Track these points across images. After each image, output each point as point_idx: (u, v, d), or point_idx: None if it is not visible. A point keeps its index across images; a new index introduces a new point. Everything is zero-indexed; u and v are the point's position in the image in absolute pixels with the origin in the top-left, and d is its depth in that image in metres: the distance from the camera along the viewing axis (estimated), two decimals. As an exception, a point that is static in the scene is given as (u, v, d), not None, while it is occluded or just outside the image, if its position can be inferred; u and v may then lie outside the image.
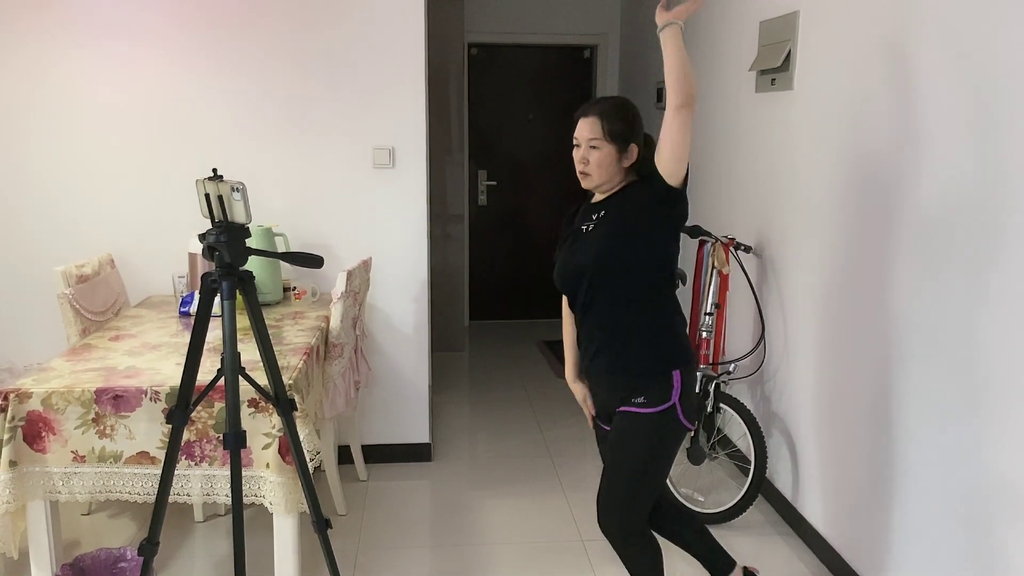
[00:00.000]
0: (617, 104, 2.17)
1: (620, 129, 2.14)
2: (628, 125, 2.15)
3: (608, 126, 2.13)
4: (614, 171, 2.16)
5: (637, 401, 2.14)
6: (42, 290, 3.43)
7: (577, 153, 2.18)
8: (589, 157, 2.14)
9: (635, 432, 2.15)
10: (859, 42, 2.65)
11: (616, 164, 2.15)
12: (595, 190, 2.23)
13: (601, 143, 2.13)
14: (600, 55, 5.90)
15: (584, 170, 2.17)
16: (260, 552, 2.95)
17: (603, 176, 2.16)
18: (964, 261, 2.16)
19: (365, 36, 3.37)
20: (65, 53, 3.30)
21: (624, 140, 2.14)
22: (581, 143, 2.16)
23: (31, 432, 2.26)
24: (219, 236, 1.99)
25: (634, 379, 2.15)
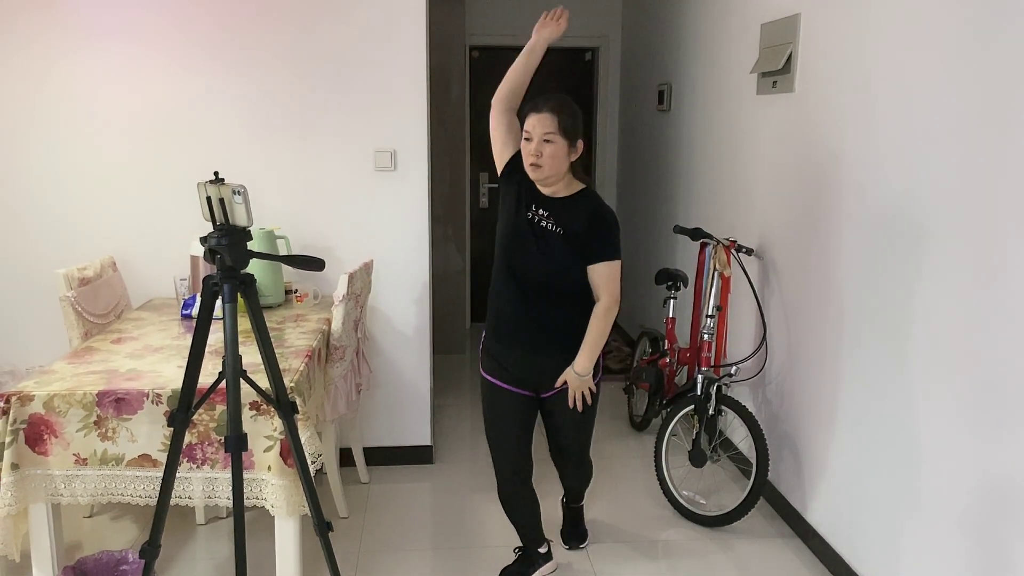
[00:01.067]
0: (566, 102, 2.39)
1: (571, 125, 2.36)
2: (576, 121, 2.39)
3: (561, 121, 2.34)
4: (563, 164, 2.39)
5: None
6: (44, 293, 3.43)
7: (529, 146, 2.37)
8: (543, 150, 2.35)
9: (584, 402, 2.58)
10: (860, 45, 2.65)
11: (565, 158, 2.38)
12: (542, 182, 2.43)
13: (555, 137, 2.34)
14: (601, 58, 5.91)
15: (537, 162, 2.36)
16: (261, 555, 2.94)
17: (553, 168, 2.37)
18: (969, 264, 2.16)
19: (367, 39, 3.38)
20: (66, 56, 3.30)
21: (574, 135, 2.38)
22: (534, 137, 2.36)
23: (33, 435, 2.26)
24: (220, 239, 1.99)
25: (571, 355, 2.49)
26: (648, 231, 5.18)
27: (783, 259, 3.23)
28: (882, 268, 2.53)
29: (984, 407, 2.10)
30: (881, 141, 2.53)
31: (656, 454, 3.38)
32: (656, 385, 3.89)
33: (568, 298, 2.49)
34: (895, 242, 2.46)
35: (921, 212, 2.34)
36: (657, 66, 4.94)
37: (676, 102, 4.58)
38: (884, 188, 2.52)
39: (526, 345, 2.54)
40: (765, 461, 3.10)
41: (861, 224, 2.65)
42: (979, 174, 2.10)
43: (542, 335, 2.52)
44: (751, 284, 3.43)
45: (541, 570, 2.84)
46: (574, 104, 2.42)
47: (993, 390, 2.07)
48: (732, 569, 2.92)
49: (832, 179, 2.84)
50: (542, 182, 2.43)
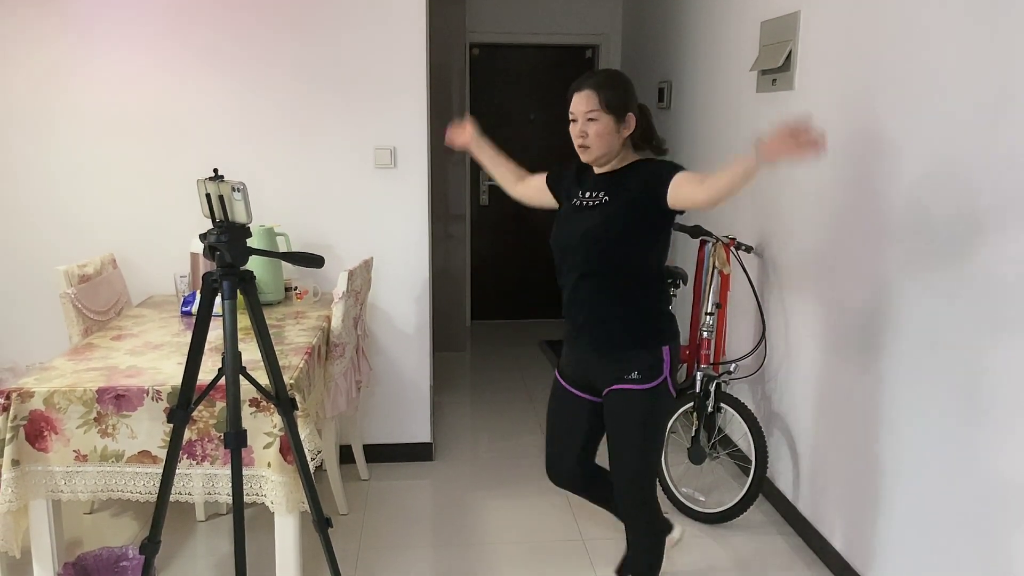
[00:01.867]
0: (610, 75, 2.21)
1: (616, 99, 2.17)
2: (623, 94, 2.19)
3: (604, 97, 2.16)
4: (613, 141, 2.19)
5: (631, 377, 2.22)
6: (44, 290, 3.44)
7: (575, 127, 2.20)
8: (588, 130, 2.17)
9: (634, 410, 2.24)
10: (860, 42, 2.65)
11: (615, 134, 2.18)
12: (595, 163, 2.25)
13: (599, 114, 2.16)
14: (602, 55, 5.90)
15: (584, 143, 2.19)
16: (261, 551, 2.95)
17: (603, 147, 2.19)
18: (968, 263, 2.16)
19: (367, 36, 3.38)
20: (67, 55, 3.31)
21: (621, 109, 2.18)
22: (578, 117, 2.19)
23: (33, 431, 2.26)
24: (220, 236, 2.00)
25: (624, 354, 2.23)
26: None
27: (783, 257, 3.23)
28: (882, 265, 2.54)
29: (984, 405, 2.11)
30: (881, 139, 2.53)
31: (655, 451, 3.38)
32: (656, 382, 3.88)
33: (616, 283, 2.21)
34: (895, 239, 2.46)
35: (922, 210, 2.34)
36: (657, 64, 4.94)
37: (676, 99, 4.58)
38: (884, 185, 2.52)
39: (578, 341, 2.31)
40: (764, 458, 3.11)
41: (861, 221, 2.66)
42: (981, 172, 2.11)
43: (590, 329, 2.27)
44: (750, 282, 3.43)
45: None
46: (621, 76, 2.22)
47: (993, 388, 2.07)
48: (731, 566, 2.92)
49: (831, 177, 2.84)
50: (595, 163, 2.25)
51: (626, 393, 2.23)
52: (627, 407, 2.24)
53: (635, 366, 2.22)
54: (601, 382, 2.30)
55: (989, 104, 2.06)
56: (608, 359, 2.26)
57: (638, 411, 2.23)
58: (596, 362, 2.29)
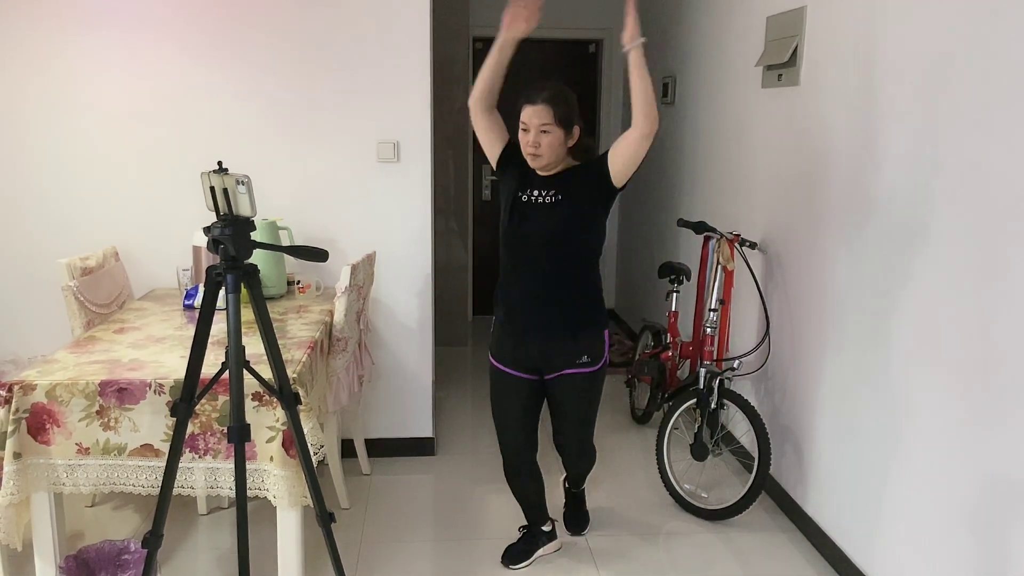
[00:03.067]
0: (561, 91, 2.46)
1: (566, 113, 2.44)
2: (571, 109, 2.47)
3: (557, 112, 2.42)
4: (561, 151, 2.48)
5: (582, 361, 2.60)
6: (46, 283, 3.43)
7: (527, 136, 2.46)
8: (541, 140, 2.44)
9: (587, 388, 2.66)
10: (866, 37, 2.63)
11: (563, 145, 2.48)
12: (542, 169, 2.52)
13: (551, 127, 2.43)
14: (605, 50, 5.89)
15: (536, 152, 2.45)
16: (264, 545, 2.95)
17: (552, 156, 2.47)
18: (972, 260, 2.15)
19: (371, 30, 3.36)
20: (69, 45, 3.29)
21: (569, 124, 2.47)
22: (531, 128, 2.44)
23: (35, 424, 2.26)
24: (224, 229, 1.99)
25: (576, 339, 2.57)
26: (651, 224, 5.17)
27: (787, 253, 3.22)
28: (886, 263, 2.53)
29: (986, 402, 2.10)
30: (887, 135, 2.52)
31: (658, 447, 3.38)
32: (658, 379, 3.89)
33: (569, 274, 2.53)
34: (900, 237, 2.45)
35: (926, 207, 2.33)
36: (662, 59, 4.92)
37: (681, 95, 4.56)
38: (889, 183, 2.51)
39: (530, 328, 2.59)
40: (767, 455, 3.10)
41: (866, 218, 2.64)
42: (986, 170, 2.09)
43: (544, 317, 2.57)
44: (754, 278, 3.42)
45: (544, 548, 2.93)
46: (567, 91, 2.48)
47: (995, 386, 2.06)
48: (733, 562, 2.92)
49: (837, 173, 2.83)
50: (542, 169, 2.52)
51: (577, 376, 2.62)
52: (579, 386, 2.64)
53: (583, 350, 2.59)
54: (549, 366, 2.63)
55: (997, 100, 2.05)
56: (558, 344, 2.58)
57: (588, 389, 2.66)
58: (545, 347, 2.60)
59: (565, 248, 2.51)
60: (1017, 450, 2.00)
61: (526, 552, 2.90)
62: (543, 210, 2.51)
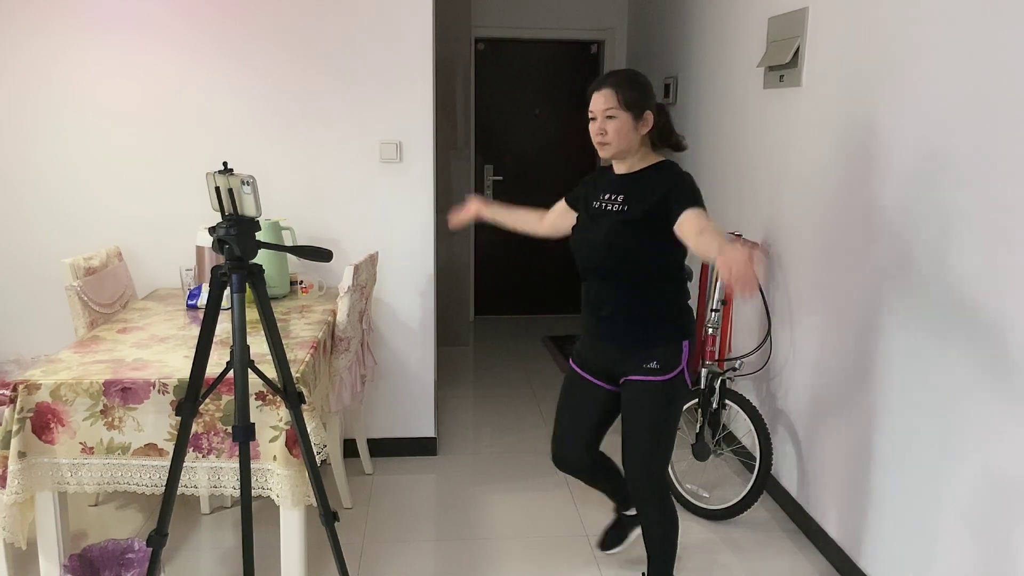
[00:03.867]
0: (628, 74, 2.31)
1: (634, 97, 2.26)
2: (641, 92, 2.28)
3: (622, 95, 2.25)
4: (631, 138, 2.29)
5: (649, 367, 2.34)
6: (50, 282, 3.44)
7: (594, 125, 2.30)
8: (607, 127, 2.27)
9: (651, 398, 2.35)
10: (868, 38, 2.64)
11: (633, 132, 2.28)
12: (614, 159, 2.34)
13: (617, 112, 2.26)
14: (607, 50, 5.89)
15: (603, 140, 2.29)
16: (267, 544, 2.96)
17: (621, 144, 2.28)
18: (973, 258, 2.15)
19: (373, 30, 3.37)
20: (72, 45, 3.30)
21: (639, 107, 2.27)
22: (597, 115, 2.29)
23: (40, 423, 2.27)
24: (229, 229, 1.99)
25: (644, 345, 2.34)
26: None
27: (788, 254, 3.23)
28: (889, 262, 2.53)
29: (988, 401, 2.10)
30: (889, 136, 2.53)
31: (660, 447, 3.38)
32: (660, 379, 3.88)
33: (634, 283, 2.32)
34: (901, 237, 2.46)
35: (928, 207, 2.33)
36: (663, 59, 4.93)
37: (682, 95, 4.57)
38: (892, 183, 2.51)
39: (599, 333, 2.42)
40: (768, 455, 3.11)
41: (868, 219, 2.65)
42: (990, 169, 2.10)
43: (610, 328, 2.38)
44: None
45: (636, 530, 2.88)
46: (639, 76, 2.31)
47: (997, 385, 2.07)
48: (735, 563, 2.92)
49: (838, 174, 2.83)
50: (613, 159, 2.35)
51: (644, 383, 2.35)
52: (644, 395, 2.35)
53: (654, 357, 2.34)
54: (620, 372, 2.42)
55: (998, 100, 2.05)
56: (630, 352, 2.37)
57: (654, 399, 2.35)
58: (617, 354, 2.40)
59: (625, 256, 2.29)
60: (1019, 450, 2.01)
61: (619, 537, 2.86)
62: (605, 217, 2.33)
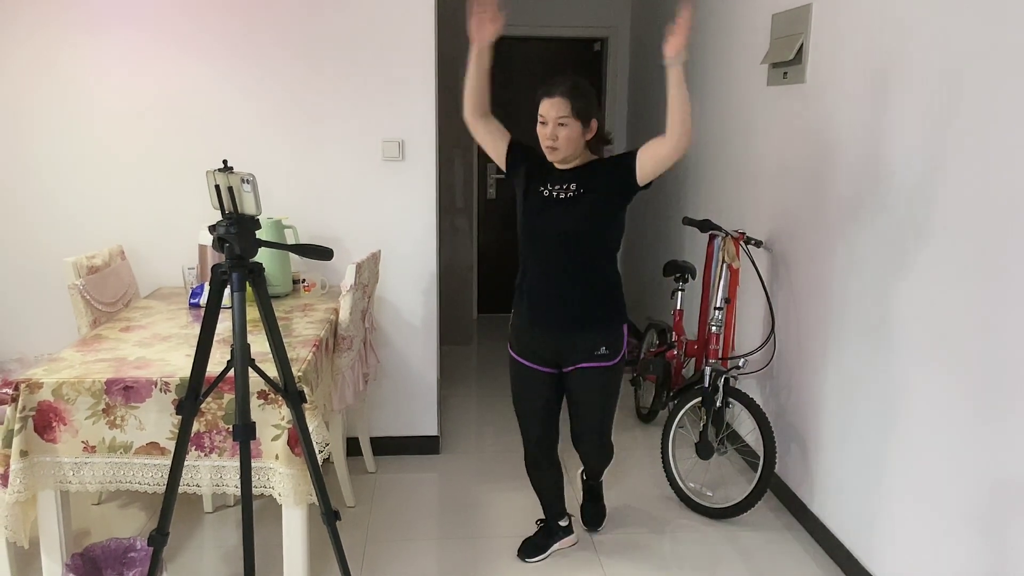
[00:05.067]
0: (578, 83, 2.46)
1: (584, 107, 2.44)
2: (589, 102, 2.46)
3: (575, 105, 2.42)
4: (579, 144, 2.48)
5: (600, 353, 2.59)
6: (53, 281, 3.44)
7: (545, 130, 2.46)
8: (558, 133, 2.44)
9: (604, 381, 2.64)
10: (872, 35, 2.63)
11: (581, 138, 2.47)
12: (560, 163, 2.53)
13: (569, 120, 2.43)
14: (610, 48, 5.88)
15: (553, 145, 2.46)
16: (269, 543, 2.95)
17: (569, 149, 2.47)
18: (977, 259, 2.14)
19: (376, 28, 3.36)
20: (73, 44, 3.30)
21: (587, 116, 2.46)
22: (548, 121, 2.45)
23: (42, 422, 2.27)
24: (229, 227, 1.99)
25: (595, 333, 2.57)
26: (656, 222, 5.17)
27: (792, 251, 3.21)
28: (893, 261, 2.52)
29: (991, 401, 2.09)
30: (893, 133, 2.51)
31: (663, 446, 3.37)
32: (663, 377, 3.88)
33: (587, 268, 2.53)
34: (906, 235, 2.45)
35: (933, 205, 2.32)
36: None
37: (685, 93, 4.55)
38: (895, 180, 2.50)
39: (547, 323, 2.60)
40: (772, 454, 3.10)
41: (872, 216, 2.64)
42: (994, 167, 2.09)
43: (562, 311, 2.57)
44: (760, 276, 3.42)
45: (561, 543, 2.95)
46: (586, 84, 2.48)
47: (1000, 385, 2.06)
48: (738, 561, 2.91)
49: (842, 171, 2.82)
50: (560, 163, 2.53)
51: (595, 369, 2.61)
52: (596, 380, 2.63)
53: (602, 343, 2.58)
54: (567, 359, 2.63)
55: (1003, 95, 2.04)
56: (576, 337, 2.58)
57: (606, 382, 2.64)
58: (563, 340, 2.60)
59: (583, 243, 2.50)
60: (1023, 449, 1.99)
61: (542, 546, 2.91)
62: (561, 205, 2.50)
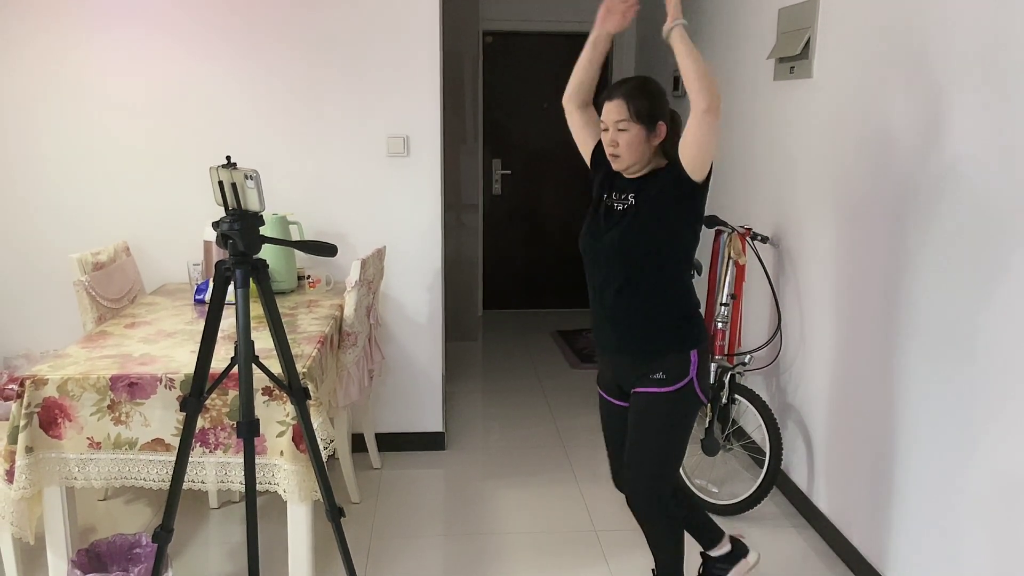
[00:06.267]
0: (640, 84, 2.21)
1: (646, 108, 2.17)
2: (653, 103, 2.19)
3: (634, 107, 2.16)
4: (644, 150, 2.19)
5: (655, 378, 2.22)
6: (58, 277, 3.45)
7: (606, 136, 2.21)
8: (619, 139, 2.18)
9: (656, 411, 2.24)
10: (879, 29, 2.61)
11: (645, 143, 2.19)
12: (626, 171, 2.24)
13: (629, 124, 2.17)
14: (616, 43, 5.86)
15: (614, 152, 2.20)
16: (274, 540, 2.96)
17: (633, 156, 2.19)
18: (981, 255, 2.13)
19: (380, 24, 3.36)
20: (78, 41, 3.30)
21: (651, 119, 2.18)
22: (609, 126, 2.20)
23: (47, 418, 2.27)
24: (232, 224, 1.99)
25: (652, 357, 2.23)
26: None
27: (799, 247, 3.20)
28: (899, 256, 2.50)
29: (1003, 397, 2.08)
30: (900, 127, 2.50)
31: (668, 442, 3.36)
32: (669, 373, 3.86)
33: (646, 287, 2.20)
34: (913, 230, 2.43)
35: (940, 200, 2.30)
36: (672, 52, 4.89)
37: (691, 88, 4.53)
38: (903, 176, 2.49)
39: (609, 347, 2.31)
40: (778, 450, 3.08)
41: (878, 212, 2.62)
42: (1003, 160, 2.07)
43: (620, 334, 2.26)
44: (766, 272, 3.40)
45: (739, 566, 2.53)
46: (652, 84, 2.22)
47: (1009, 382, 2.04)
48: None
49: (849, 166, 2.80)
50: (626, 171, 2.24)
51: (650, 395, 2.24)
52: (649, 408, 2.24)
53: (660, 367, 2.22)
54: (628, 384, 2.32)
55: (1013, 90, 2.02)
56: (635, 361, 2.26)
57: (660, 412, 2.24)
58: (624, 365, 2.30)
59: (639, 258, 2.18)
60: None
61: None
62: (613, 218, 2.22)
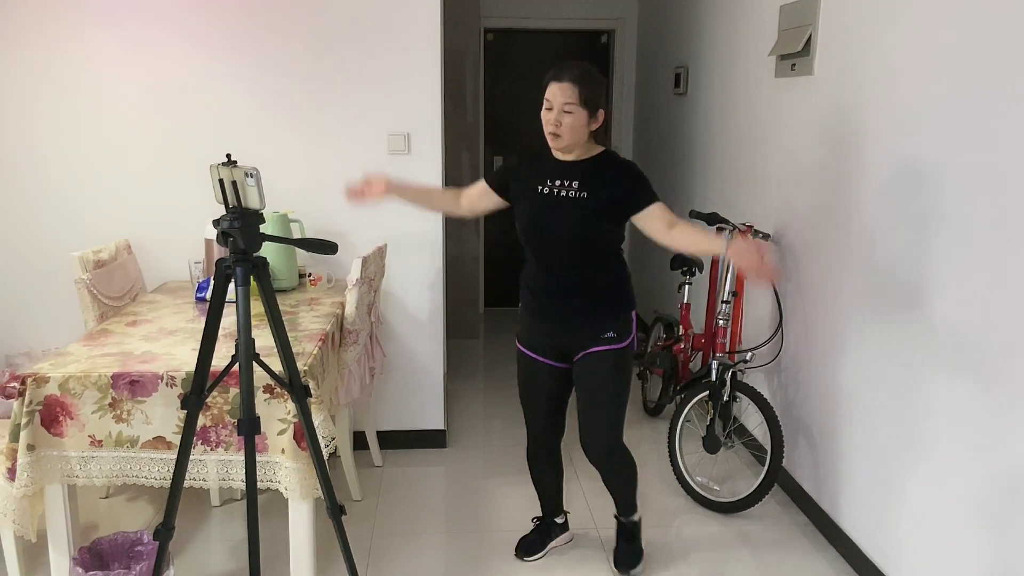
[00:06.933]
0: (589, 72, 2.36)
1: (592, 96, 2.33)
2: (598, 92, 2.36)
3: (583, 93, 2.31)
4: (583, 134, 2.37)
5: (606, 337, 2.49)
6: (59, 276, 3.45)
7: (549, 115, 2.35)
8: (562, 120, 2.33)
9: (609, 366, 2.51)
10: (881, 26, 2.60)
11: (585, 127, 2.36)
12: (561, 150, 2.42)
13: (575, 108, 2.32)
14: (617, 40, 5.85)
15: (556, 131, 2.35)
16: (275, 537, 2.96)
17: (573, 138, 2.36)
18: (985, 253, 2.12)
19: (381, 21, 3.35)
20: (79, 38, 3.30)
21: (595, 106, 2.35)
22: (554, 106, 2.34)
23: (49, 416, 2.27)
24: (233, 222, 1.99)
25: (601, 320, 2.49)
26: (663, 216, 5.14)
27: (800, 244, 3.19)
28: (901, 254, 2.50)
29: (1004, 397, 2.07)
30: (902, 124, 2.49)
31: (670, 440, 3.36)
32: (670, 371, 3.87)
33: (593, 265, 2.46)
34: (915, 227, 2.43)
35: (943, 198, 2.30)
36: (674, 49, 4.89)
37: (693, 85, 4.53)
38: (904, 173, 2.48)
39: (554, 317, 2.53)
40: (779, 448, 3.08)
41: (879, 210, 2.62)
42: (1006, 156, 2.06)
43: (570, 308, 2.50)
44: (767, 269, 3.40)
45: (557, 540, 2.94)
46: (596, 73, 2.38)
47: (1014, 381, 2.04)
48: (746, 555, 2.91)
49: (851, 163, 2.80)
50: (561, 150, 2.42)
51: (602, 353, 2.50)
52: (602, 363, 2.51)
53: (612, 327, 2.49)
54: (576, 348, 2.53)
55: (1013, 91, 2.02)
56: (589, 326, 2.50)
57: (613, 364, 2.51)
58: (573, 331, 2.52)
59: (589, 241, 2.42)
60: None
61: (539, 543, 2.90)
62: (563, 207, 2.40)
